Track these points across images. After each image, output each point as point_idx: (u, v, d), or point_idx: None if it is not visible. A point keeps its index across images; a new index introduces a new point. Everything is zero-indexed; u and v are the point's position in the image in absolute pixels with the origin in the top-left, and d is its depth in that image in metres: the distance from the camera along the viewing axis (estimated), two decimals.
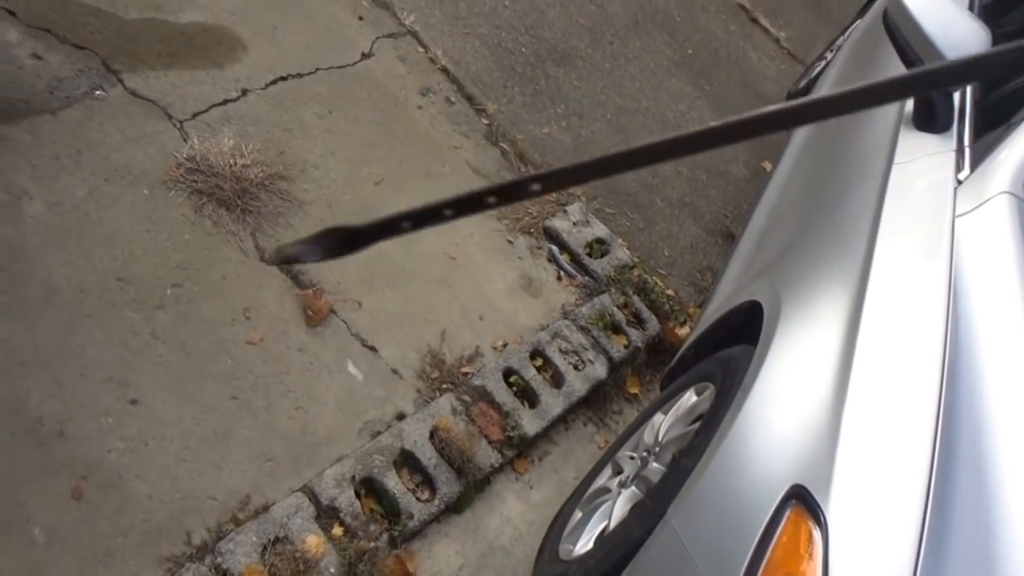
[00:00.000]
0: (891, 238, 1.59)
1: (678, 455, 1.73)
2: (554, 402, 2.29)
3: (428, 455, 2.01)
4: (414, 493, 1.96)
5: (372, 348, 2.16)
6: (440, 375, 2.20)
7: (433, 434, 2.05)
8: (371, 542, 1.81)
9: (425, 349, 2.24)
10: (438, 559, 1.96)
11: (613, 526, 1.78)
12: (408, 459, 2.01)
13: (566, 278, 2.67)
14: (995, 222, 1.53)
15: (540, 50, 3.43)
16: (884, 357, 1.39)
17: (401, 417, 2.07)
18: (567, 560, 1.84)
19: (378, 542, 1.83)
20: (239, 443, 1.85)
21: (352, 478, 1.89)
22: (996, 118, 1.83)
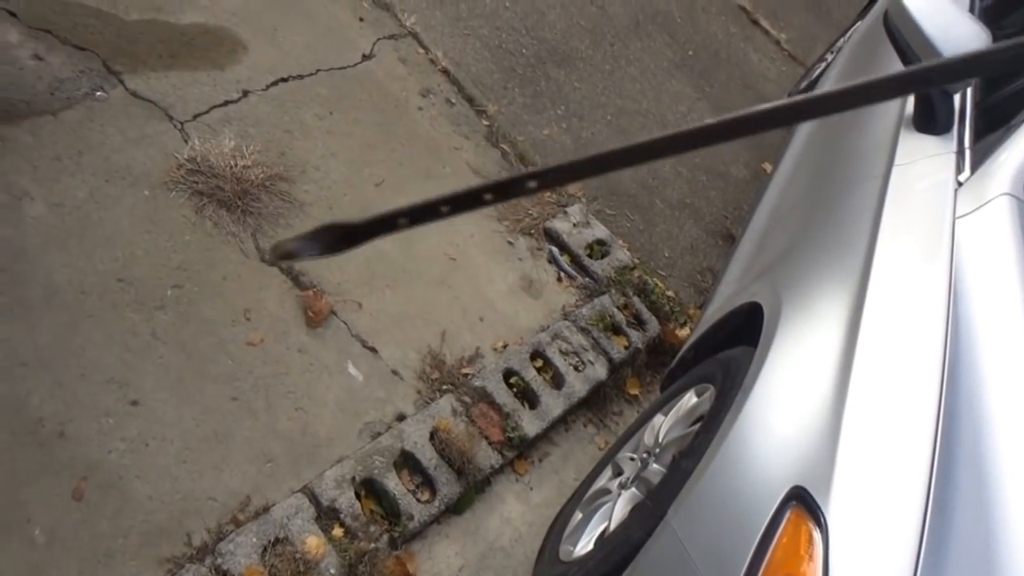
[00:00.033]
0: (891, 240, 1.59)
1: (678, 456, 1.73)
2: (554, 403, 2.29)
3: (428, 456, 2.01)
4: (414, 494, 1.96)
5: (372, 349, 2.16)
6: (440, 376, 2.20)
7: (433, 435, 2.05)
8: (371, 543, 1.81)
9: (425, 350, 2.24)
10: (438, 560, 1.95)
11: (613, 527, 1.78)
12: (408, 460, 2.01)
13: (566, 279, 2.67)
14: (995, 224, 1.53)
15: (541, 51, 3.43)
16: (884, 359, 1.39)
17: (401, 418, 2.07)
18: (567, 561, 1.84)
19: (378, 543, 1.83)
20: (239, 444, 1.85)
21: (352, 479, 1.89)
22: (996, 120, 1.83)
